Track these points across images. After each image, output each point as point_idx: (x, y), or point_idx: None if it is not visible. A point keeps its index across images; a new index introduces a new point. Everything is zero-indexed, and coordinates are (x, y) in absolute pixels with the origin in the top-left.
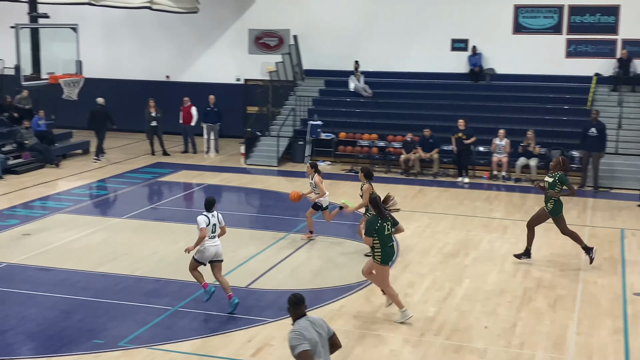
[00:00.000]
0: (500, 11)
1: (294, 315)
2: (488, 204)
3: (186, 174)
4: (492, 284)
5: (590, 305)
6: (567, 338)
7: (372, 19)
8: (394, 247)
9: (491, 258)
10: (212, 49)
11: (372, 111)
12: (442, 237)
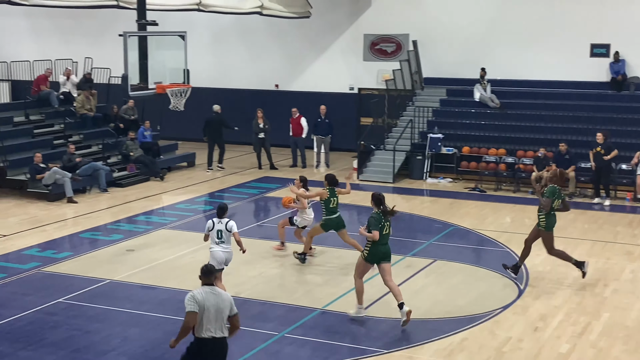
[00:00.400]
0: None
1: (202, 282)
2: (631, 229)
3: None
4: (635, 319)
5: None
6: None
7: (500, 22)
8: (387, 249)
9: (634, 290)
10: (324, 56)
11: (500, 123)
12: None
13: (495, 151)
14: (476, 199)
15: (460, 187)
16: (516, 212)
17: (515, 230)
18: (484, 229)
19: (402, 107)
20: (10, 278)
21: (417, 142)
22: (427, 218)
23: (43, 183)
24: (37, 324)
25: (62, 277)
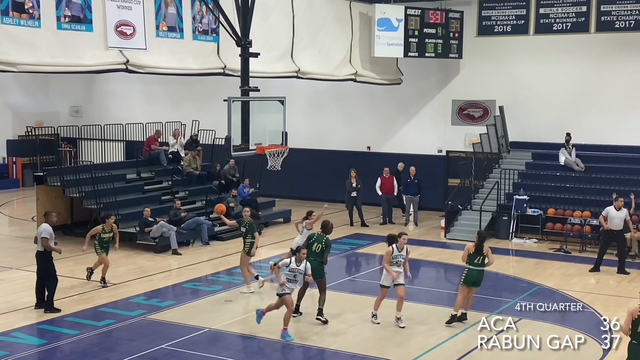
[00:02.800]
0: None
1: None
2: None
3: (383, 246)
4: None
5: None
6: None
7: (586, 88)
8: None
9: None
10: (414, 120)
11: (585, 187)
12: None
13: (580, 213)
14: (561, 259)
15: (545, 248)
16: (601, 273)
17: (598, 291)
18: (569, 290)
19: (489, 169)
20: (118, 324)
21: (503, 203)
22: (513, 277)
23: (151, 236)
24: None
25: (165, 324)
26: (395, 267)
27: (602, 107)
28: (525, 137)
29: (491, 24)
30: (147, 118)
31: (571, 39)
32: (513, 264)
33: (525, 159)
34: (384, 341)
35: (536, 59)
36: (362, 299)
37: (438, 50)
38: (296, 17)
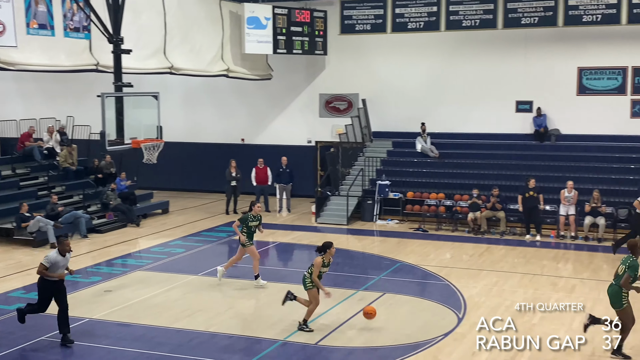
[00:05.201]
0: (564, 73)
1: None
2: (555, 263)
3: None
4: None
5: None
6: None
7: (438, 82)
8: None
9: (560, 316)
10: (284, 112)
11: (439, 171)
12: (509, 295)
13: (435, 195)
14: (420, 238)
15: (405, 228)
16: (455, 249)
17: (453, 265)
18: (426, 265)
19: (354, 158)
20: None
21: (367, 188)
22: (377, 256)
23: (28, 231)
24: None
25: (45, 317)
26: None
27: (453, 99)
28: (386, 128)
29: (352, 23)
30: (21, 115)
31: (424, 37)
32: (377, 243)
33: (386, 147)
34: (259, 321)
35: (394, 56)
36: (240, 283)
37: (305, 47)
38: (167, 15)
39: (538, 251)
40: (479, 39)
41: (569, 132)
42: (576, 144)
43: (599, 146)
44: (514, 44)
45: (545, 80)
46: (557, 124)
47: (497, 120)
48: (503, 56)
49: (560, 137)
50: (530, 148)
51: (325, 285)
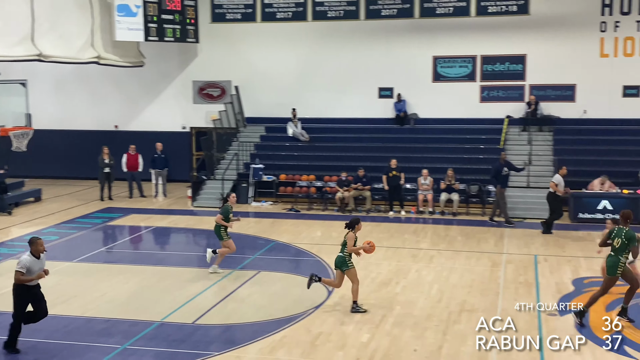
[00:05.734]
0: (420, 62)
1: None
2: (415, 236)
3: (135, 217)
4: (420, 309)
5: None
6: (488, 358)
7: (308, 70)
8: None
9: (419, 285)
10: (158, 99)
11: (310, 154)
12: (374, 268)
13: (306, 177)
14: (293, 217)
15: (279, 209)
16: (325, 227)
17: (323, 242)
18: (299, 243)
19: (229, 143)
20: None
21: (242, 172)
22: (252, 236)
23: None
24: None
25: None
26: None
27: (321, 86)
28: (259, 113)
29: (223, 12)
30: None
31: (293, 26)
32: (252, 224)
33: (259, 132)
34: (136, 304)
35: (265, 44)
36: (115, 268)
37: (177, 35)
38: (35, 3)
39: (400, 226)
40: (344, 29)
41: (426, 116)
42: (432, 127)
43: (453, 128)
44: (375, 34)
45: (404, 68)
46: (416, 109)
47: (362, 106)
48: (366, 45)
49: (419, 120)
50: (392, 131)
51: (200, 265)
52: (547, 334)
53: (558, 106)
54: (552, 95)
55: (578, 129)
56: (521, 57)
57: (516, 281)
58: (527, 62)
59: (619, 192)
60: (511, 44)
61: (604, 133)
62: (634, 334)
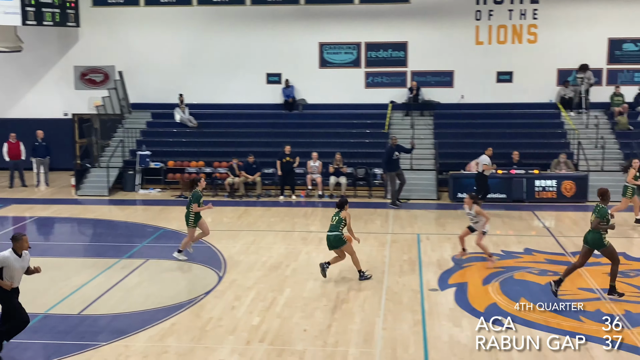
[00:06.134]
0: (307, 48)
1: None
2: (305, 220)
3: (16, 207)
4: (309, 290)
5: (394, 303)
6: (374, 333)
7: (195, 55)
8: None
9: (309, 267)
10: (38, 85)
11: (198, 140)
12: (265, 252)
13: (195, 163)
14: (182, 204)
15: (167, 196)
16: (215, 212)
17: (214, 228)
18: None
19: (113, 129)
20: None
21: (128, 159)
22: (140, 224)
23: None
24: None
25: None
26: None
27: (209, 71)
28: (145, 99)
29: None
30: None
31: (177, 10)
32: (140, 212)
33: (145, 118)
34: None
35: (150, 28)
36: None
37: (56, 19)
38: None
39: (291, 210)
40: (230, 14)
41: (314, 101)
42: (320, 112)
43: (340, 114)
44: (262, 20)
45: (291, 54)
46: (304, 94)
47: (251, 92)
48: (253, 31)
49: (307, 106)
50: (281, 117)
51: (86, 255)
52: (429, 309)
53: (438, 92)
54: (432, 81)
55: (456, 113)
56: (403, 44)
57: (401, 259)
58: (409, 49)
59: (495, 173)
60: (393, 31)
61: (480, 117)
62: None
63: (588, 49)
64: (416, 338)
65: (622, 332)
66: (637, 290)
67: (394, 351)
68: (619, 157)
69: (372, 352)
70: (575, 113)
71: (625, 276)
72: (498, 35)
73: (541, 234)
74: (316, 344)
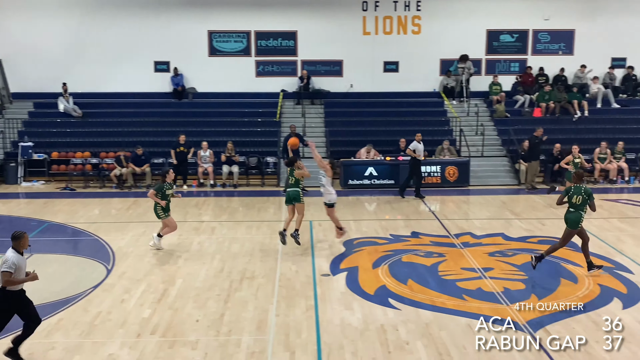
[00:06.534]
0: (196, 36)
1: None
2: (197, 209)
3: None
4: (202, 281)
5: (287, 289)
6: (268, 320)
7: (79, 43)
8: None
9: (201, 257)
10: None
11: (84, 130)
12: None
13: (81, 154)
14: (67, 197)
15: (52, 188)
16: (103, 204)
17: (102, 220)
18: (75, 222)
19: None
20: None
21: (9, 150)
22: (24, 218)
23: None
24: None
25: None
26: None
27: (94, 59)
28: (26, 88)
29: None
30: None
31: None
32: (23, 205)
33: (27, 108)
34: None
35: (30, 15)
36: None
37: None
38: None
39: (182, 200)
40: (117, 1)
41: (204, 90)
42: (211, 101)
43: (231, 102)
44: (149, 7)
45: (180, 42)
46: (193, 83)
47: (138, 80)
48: (140, 18)
49: (197, 94)
50: (170, 106)
51: None
52: (322, 294)
53: (328, 80)
54: (322, 70)
55: (346, 102)
56: (292, 33)
57: (294, 246)
58: (298, 38)
59: (383, 160)
60: (283, 20)
61: (369, 105)
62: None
63: (468, 40)
64: (309, 323)
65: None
66: (515, 268)
67: (287, 337)
68: (497, 143)
69: (265, 339)
70: (457, 101)
71: (504, 255)
72: (384, 26)
73: (427, 217)
74: (209, 334)
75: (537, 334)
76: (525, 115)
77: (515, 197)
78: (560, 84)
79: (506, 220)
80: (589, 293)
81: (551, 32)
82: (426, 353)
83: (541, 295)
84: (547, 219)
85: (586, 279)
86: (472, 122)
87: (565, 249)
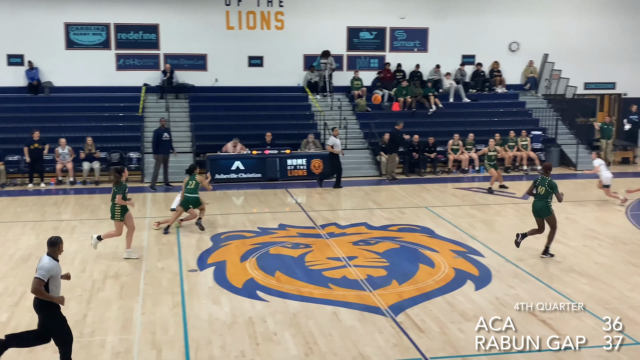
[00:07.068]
0: (51, 28)
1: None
2: (56, 208)
3: None
4: (63, 282)
5: (153, 287)
6: (133, 319)
7: None
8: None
9: (61, 258)
10: None
11: None
12: (13, 244)
13: None
14: None
15: None
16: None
17: None
18: None
19: None
20: None
21: None
22: None
23: None
24: None
25: None
26: None
27: None
28: None
29: None
30: None
31: None
32: None
33: None
34: None
35: None
36: None
37: None
38: None
39: (40, 199)
40: None
41: (62, 84)
42: (69, 95)
43: (90, 97)
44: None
45: (35, 35)
46: (50, 77)
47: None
48: None
49: (54, 89)
50: (25, 101)
51: None
52: (189, 289)
53: (192, 75)
54: (185, 64)
55: (211, 96)
56: (154, 26)
57: (160, 243)
58: (160, 31)
59: (249, 153)
60: (144, 13)
61: (234, 99)
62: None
63: (330, 37)
64: (176, 319)
65: None
66: (377, 256)
67: (154, 335)
68: (360, 136)
69: (130, 337)
70: (321, 96)
71: (367, 244)
72: (247, 21)
73: (294, 209)
74: None
75: (398, 318)
76: (384, 109)
77: (377, 188)
78: (416, 79)
79: (369, 210)
80: (445, 277)
81: (407, 30)
82: (294, 342)
83: (401, 280)
84: (407, 208)
85: (442, 264)
86: (336, 116)
87: (423, 235)
